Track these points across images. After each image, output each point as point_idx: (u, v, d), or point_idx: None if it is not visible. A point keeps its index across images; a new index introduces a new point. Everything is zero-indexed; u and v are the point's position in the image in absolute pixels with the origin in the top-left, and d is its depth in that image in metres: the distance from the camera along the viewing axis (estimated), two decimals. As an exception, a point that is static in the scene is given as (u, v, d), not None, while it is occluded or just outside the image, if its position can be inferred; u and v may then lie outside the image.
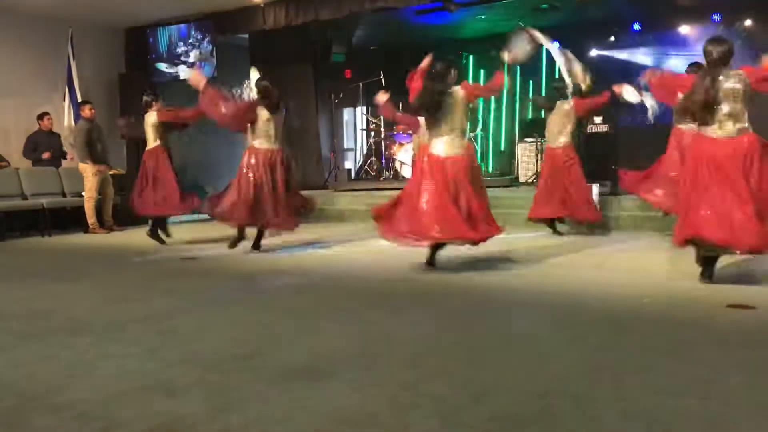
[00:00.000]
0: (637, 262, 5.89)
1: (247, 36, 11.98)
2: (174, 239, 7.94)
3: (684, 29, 11.59)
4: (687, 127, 6.25)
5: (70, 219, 9.66)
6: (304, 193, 7.39)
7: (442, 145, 5.54)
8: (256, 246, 6.98)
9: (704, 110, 4.72)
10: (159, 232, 7.82)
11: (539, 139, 11.04)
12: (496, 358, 3.25)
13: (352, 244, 7.51)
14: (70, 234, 9.35)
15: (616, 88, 7.35)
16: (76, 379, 3.04)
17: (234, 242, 6.92)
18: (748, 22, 10.89)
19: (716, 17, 11.09)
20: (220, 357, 3.34)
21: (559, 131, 7.70)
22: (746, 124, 4.71)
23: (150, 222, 7.94)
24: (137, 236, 8.80)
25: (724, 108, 4.68)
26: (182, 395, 2.80)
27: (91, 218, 9.29)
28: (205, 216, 11.26)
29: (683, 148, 6.16)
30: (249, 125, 6.67)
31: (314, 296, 4.87)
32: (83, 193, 9.37)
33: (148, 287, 5.33)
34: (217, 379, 3.00)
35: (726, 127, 4.70)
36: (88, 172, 9.25)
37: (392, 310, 4.36)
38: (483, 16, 11.77)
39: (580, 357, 3.24)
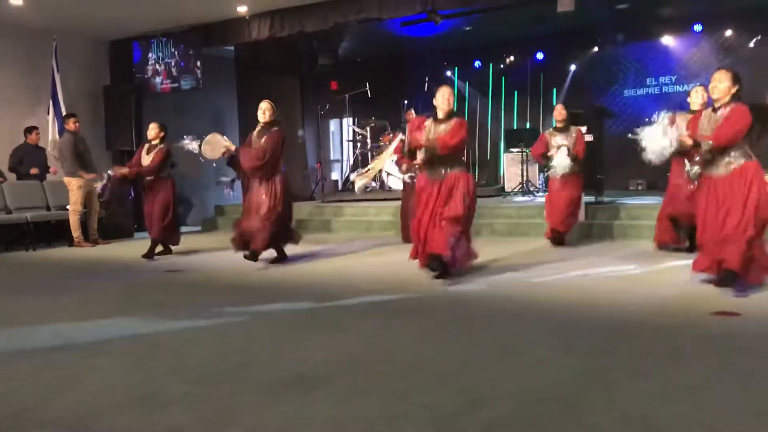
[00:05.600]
0: (624, 270, 5.92)
1: (232, 48, 11.97)
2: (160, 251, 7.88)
3: (666, 39, 11.72)
4: None
5: (54, 233, 9.58)
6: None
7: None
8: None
9: None
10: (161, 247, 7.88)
11: (525, 150, 11.11)
12: (490, 367, 3.25)
13: (339, 256, 7.49)
14: (55, 248, 9.27)
15: None
16: (64, 393, 3.00)
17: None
18: (728, 33, 11.04)
19: (697, 28, 11.23)
20: (208, 369, 3.31)
21: None
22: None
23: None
24: (123, 249, 8.75)
25: None
26: (172, 407, 2.77)
27: (75, 232, 9.22)
28: (190, 228, 11.26)
29: None
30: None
31: (303, 308, 4.84)
32: (68, 207, 9.29)
33: (134, 300, 5.29)
34: (206, 392, 2.97)
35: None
36: (74, 185, 9.17)
37: (384, 320, 4.35)
38: (468, 28, 11.84)
39: (575, 364, 3.24)
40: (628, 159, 10.73)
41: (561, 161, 7.33)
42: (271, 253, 6.87)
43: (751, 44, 10.86)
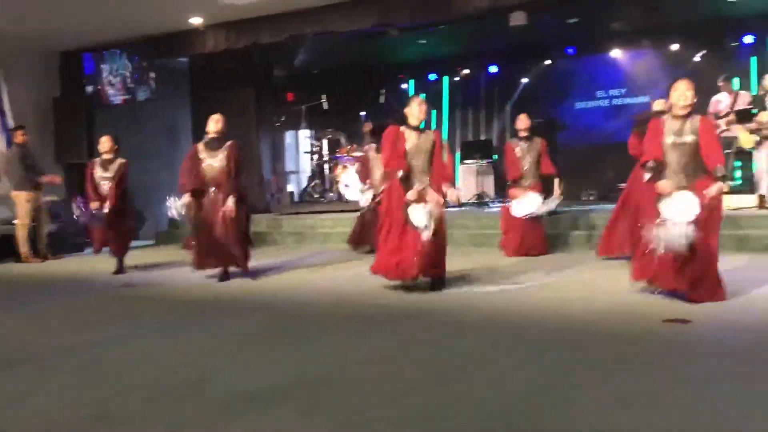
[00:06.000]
0: (579, 279, 6.02)
1: (187, 59, 11.84)
2: (110, 266, 7.67)
3: (616, 53, 12.01)
4: None
5: (0, 248, 9.29)
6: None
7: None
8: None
9: None
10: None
11: (480, 161, 11.25)
12: (453, 380, 3.26)
13: (298, 268, 7.44)
14: (1, 264, 8.99)
15: None
16: (13, 411, 2.92)
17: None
18: (675, 47, 11.37)
19: (646, 42, 11.54)
20: (166, 385, 3.25)
21: None
22: None
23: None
24: (74, 265, 8.54)
25: None
26: (127, 425, 2.71)
27: (23, 247, 8.96)
28: (144, 242, 11.04)
29: None
30: None
31: (262, 321, 4.80)
32: (14, 221, 9.03)
33: (85, 316, 5.17)
34: (163, 408, 2.92)
35: None
36: (21, 198, 8.93)
37: (346, 334, 4.34)
38: (423, 41, 11.96)
39: (537, 375, 3.28)
40: (579, 170, 11.06)
41: (527, 207, 7.42)
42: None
43: (697, 58, 11.20)
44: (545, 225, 7.93)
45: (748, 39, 10.85)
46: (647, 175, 5.08)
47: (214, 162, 6.50)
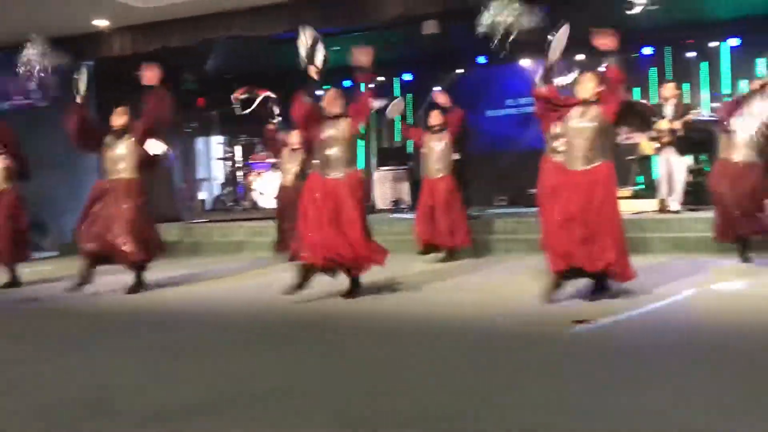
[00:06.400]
0: (489, 282, 6.12)
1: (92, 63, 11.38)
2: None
3: (525, 62, 12.35)
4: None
5: None
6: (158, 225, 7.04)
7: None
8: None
9: None
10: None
11: (395, 168, 11.34)
12: (370, 388, 3.23)
13: (209, 279, 7.24)
14: None
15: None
16: None
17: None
18: (580, 57, 11.79)
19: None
20: (69, 406, 3.08)
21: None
22: None
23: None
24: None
25: None
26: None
27: None
28: (47, 254, 10.52)
29: None
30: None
31: (171, 335, 4.63)
32: None
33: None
34: (58, 427, 2.77)
35: None
36: None
37: (258, 345, 4.24)
38: (336, 48, 11.92)
39: (455, 379, 3.30)
40: (490, 176, 11.31)
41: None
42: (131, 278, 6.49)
43: (601, 68, 11.65)
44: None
45: (648, 50, 11.41)
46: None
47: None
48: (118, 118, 6.50)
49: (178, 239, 9.97)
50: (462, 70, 12.81)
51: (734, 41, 10.95)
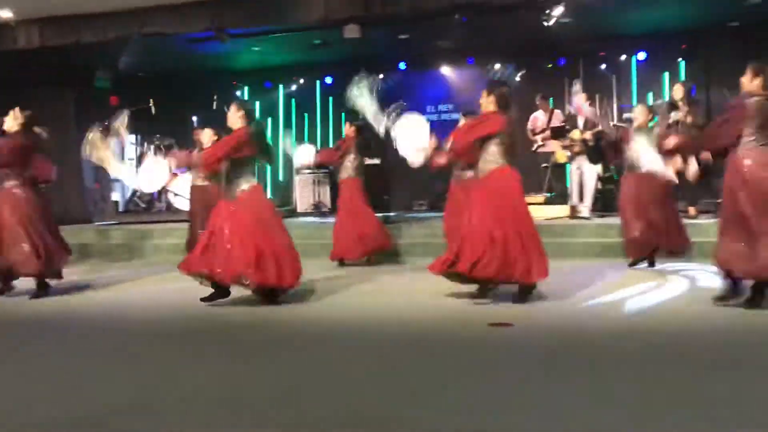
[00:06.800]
0: (406, 285, 6.16)
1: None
2: None
3: (444, 70, 12.55)
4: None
5: None
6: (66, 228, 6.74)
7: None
8: None
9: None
10: None
11: (316, 171, 11.28)
12: (295, 395, 3.18)
13: (119, 283, 6.98)
14: None
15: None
16: None
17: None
18: (497, 65, 12.08)
19: (470, 61, 12.18)
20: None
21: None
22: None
23: None
24: None
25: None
26: None
27: None
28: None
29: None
30: None
31: (78, 343, 4.44)
32: None
33: None
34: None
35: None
36: None
37: (172, 352, 4.12)
38: (257, 48, 11.79)
39: (380, 383, 3.30)
40: (410, 181, 11.40)
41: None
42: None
43: (517, 78, 11.98)
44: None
45: (562, 62, 11.79)
46: None
47: None
48: (12, 122, 6.06)
49: (88, 242, 9.59)
50: (382, 75, 12.87)
51: (642, 55, 11.46)
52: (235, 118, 5.50)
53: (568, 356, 3.76)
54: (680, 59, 11.16)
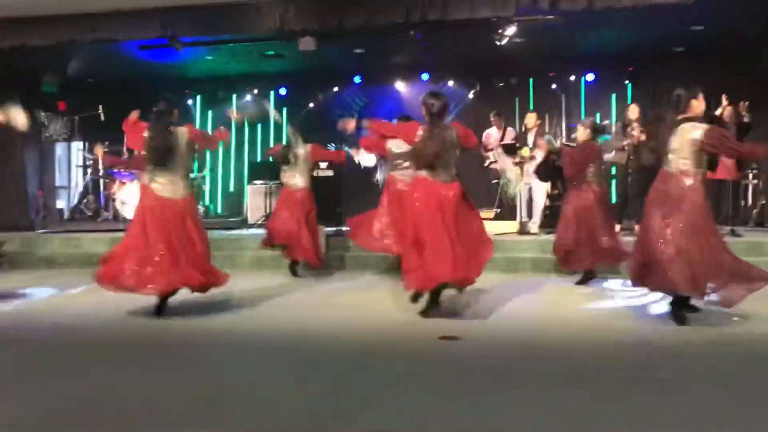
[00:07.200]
0: (358, 300, 6.16)
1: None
2: None
3: (399, 85, 12.64)
4: (401, 174, 6.77)
5: None
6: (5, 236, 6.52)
7: (164, 187, 5.32)
8: None
9: (435, 158, 5.16)
10: None
11: (269, 182, 11.20)
12: (224, 406, 3.14)
13: (62, 294, 6.77)
14: None
15: (353, 152, 7.89)
16: None
17: None
18: (450, 82, 12.24)
19: (425, 76, 12.31)
20: None
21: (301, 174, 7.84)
22: (454, 172, 5.26)
23: None
24: None
25: (444, 156, 5.19)
26: None
27: None
28: None
29: (398, 192, 6.61)
30: None
31: (9, 355, 4.29)
32: None
33: None
34: None
35: (442, 175, 5.19)
36: None
37: (98, 363, 4.01)
38: (210, 57, 11.69)
39: (310, 397, 3.27)
40: (363, 193, 11.42)
41: None
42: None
43: (470, 95, 12.15)
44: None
45: (513, 80, 12.01)
46: None
47: None
48: None
49: (26, 250, 9.30)
50: (336, 89, 12.90)
51: (590, 76, 11.76)
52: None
53: (515, 368, 3.80)
54: (627, 81, 11.49)
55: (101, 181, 11.50)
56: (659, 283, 4.89)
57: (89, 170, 11.90)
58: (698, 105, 4.92)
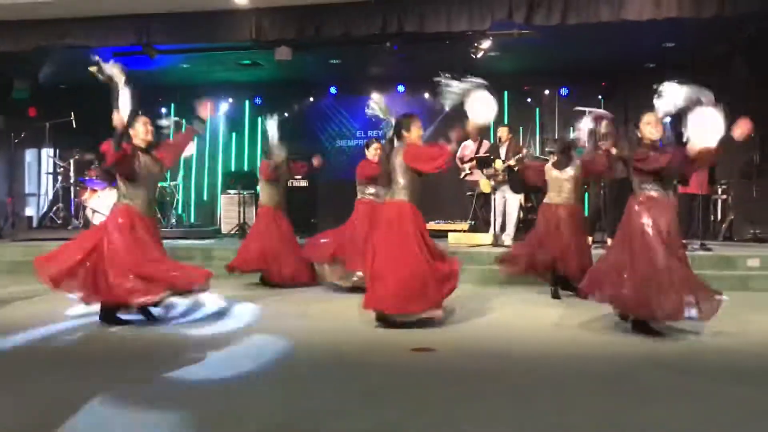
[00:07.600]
0: (335, 310, 6.13)
1: None
2: None
3: (375, 96, 12.65)
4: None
5: None
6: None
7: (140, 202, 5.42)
8: None
9: (387, 178, 5.24)
10: None
11: (242, 192, 11.14)
12: (187, 414, 3.09)
13: (21, 302, 6.64)
14: None
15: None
16: None
17: None
18: (426, 95, 12.29)
19: (401, 88, 12.36)
20: None
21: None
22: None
23: None
24: None
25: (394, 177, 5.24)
26: None
27: None
28: None
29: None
30: None
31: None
32: None
33: None
34: None
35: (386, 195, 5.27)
36: None
37: (54, 375, 3.94)
38: (185, 65, 11.62)
39: (279, 407, 3.24)
40: (339, 204, 11.41)
41: None
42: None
43: (446, 108, 12.20)
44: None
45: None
46: None
47: None
48: None
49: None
50: (312, 99, 12.91)
51: (564, 91, 11.92)
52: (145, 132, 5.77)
53: (489, 378, 3.81)
54: (600, 96, 11.64)
55: (72, 188, 11.33)
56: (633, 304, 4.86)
57: (60, 178, 11.73)
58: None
